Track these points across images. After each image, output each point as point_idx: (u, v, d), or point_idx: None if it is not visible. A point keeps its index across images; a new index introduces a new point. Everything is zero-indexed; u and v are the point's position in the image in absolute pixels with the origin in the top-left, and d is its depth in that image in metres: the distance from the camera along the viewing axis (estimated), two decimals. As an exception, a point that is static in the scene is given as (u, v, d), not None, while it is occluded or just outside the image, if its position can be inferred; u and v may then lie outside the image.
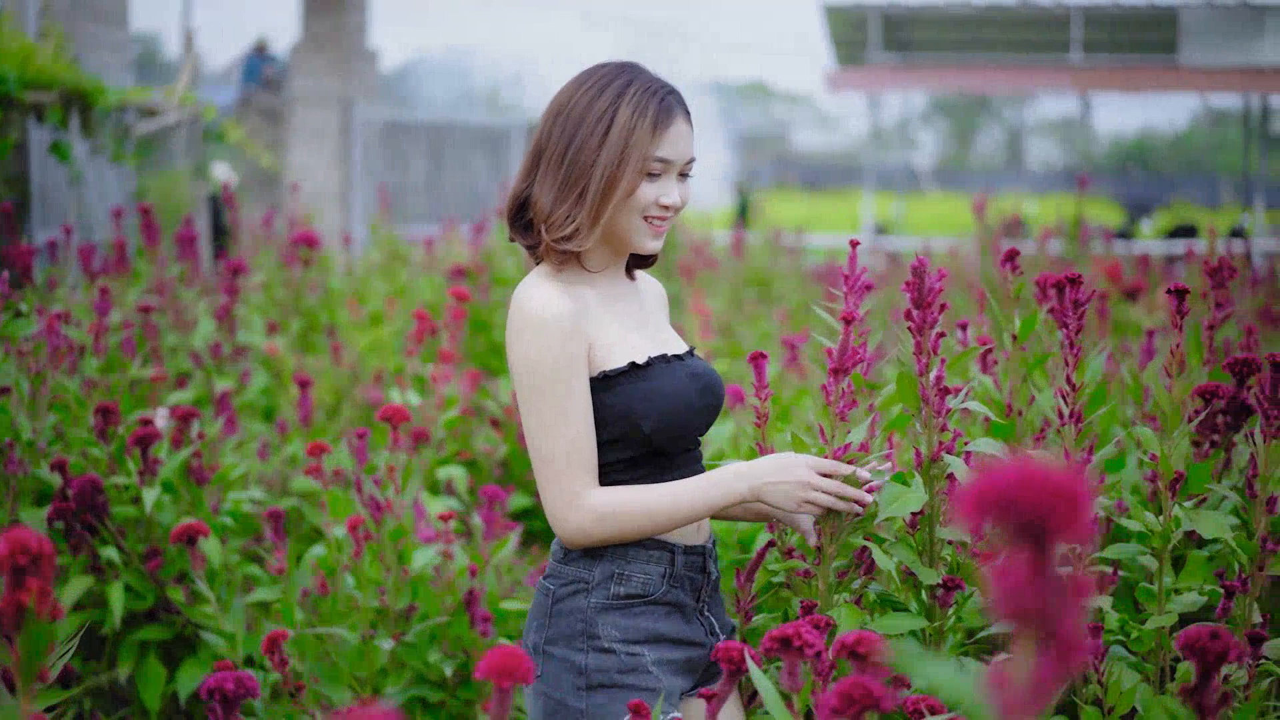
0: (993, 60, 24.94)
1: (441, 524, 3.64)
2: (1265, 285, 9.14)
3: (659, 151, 2.57)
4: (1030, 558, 0.89)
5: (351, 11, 18.81)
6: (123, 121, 11.67)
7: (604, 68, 2.64)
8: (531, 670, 1.86)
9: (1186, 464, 2.84)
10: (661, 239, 2.67)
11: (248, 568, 3.98)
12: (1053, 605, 0.90)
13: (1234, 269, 3.60)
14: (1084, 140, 63.81)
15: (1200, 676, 1.69)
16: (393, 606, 3.50)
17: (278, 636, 3.02)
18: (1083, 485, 0.88)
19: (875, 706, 1.71)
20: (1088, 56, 23.36)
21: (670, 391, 2.57)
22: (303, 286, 6.21)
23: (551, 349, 2.49)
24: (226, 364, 5.36)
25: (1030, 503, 0.87)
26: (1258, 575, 2.69)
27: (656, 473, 2.59)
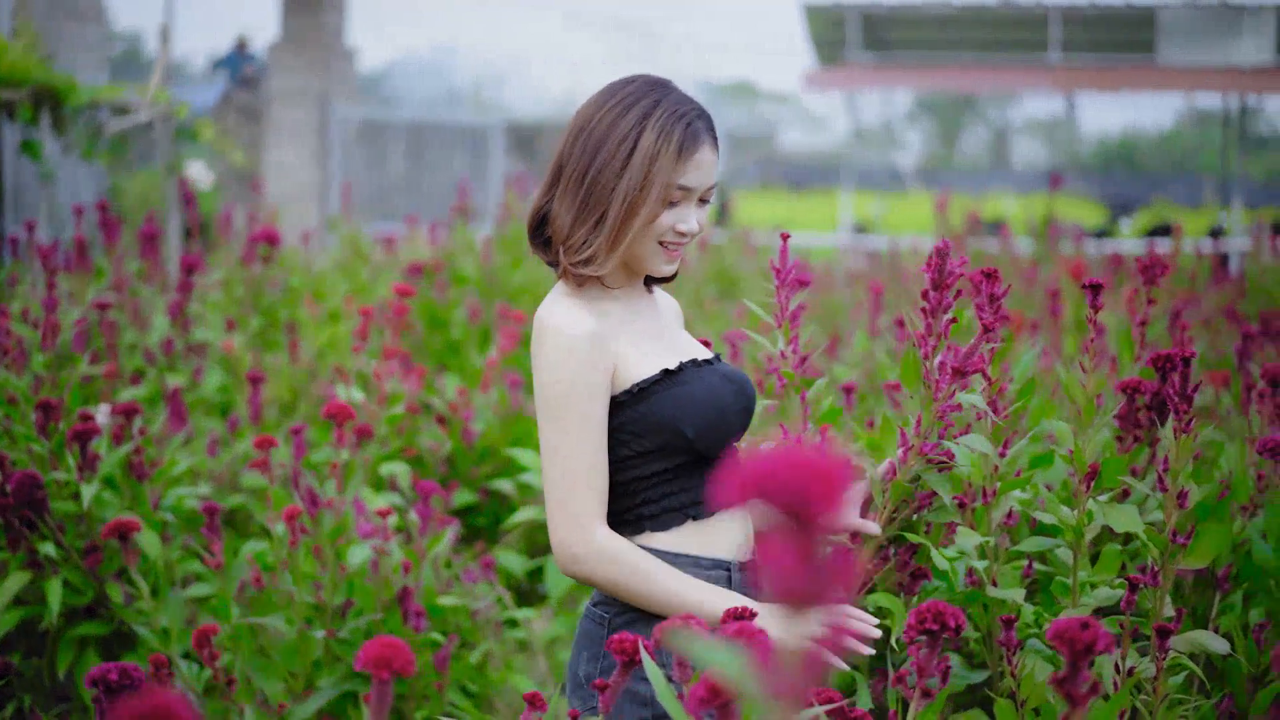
0: (972, 60, 24.97)
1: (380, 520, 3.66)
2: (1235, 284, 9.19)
3: (681, 180, 2.52)
4: (797, 539, 0.90)
5: (330, 10, 18.79)
6: (95, 119, 11.65)
7: (631, 84, 2.59)
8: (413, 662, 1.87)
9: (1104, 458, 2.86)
10: (676, 263, 2.63)
11: (190, 564, 3.98)
12: (820, 585, 0.91)
13: (1165, 266, 3.63)
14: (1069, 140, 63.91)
15: (1070, 666, 1.70)
16: (329, 602, 3.51)
17: (208, 631, 3.03)
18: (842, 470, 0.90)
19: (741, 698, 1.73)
20: (1066, 56, 23.39)
21: (705, 394, 2.55)
22: (262, 284, 6.20)
23: (572, 369, 2.46)
24: (180, 361, 5.37)
25: (792, 486, 0.89)
26: (1168, 568, 2.71)
27: (702, 483, 2.55)
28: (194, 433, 5.01)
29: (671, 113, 2.53)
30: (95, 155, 11.27)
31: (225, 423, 5.23)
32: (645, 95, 2.54)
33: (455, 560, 4.15)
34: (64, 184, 10.99)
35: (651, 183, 2.49)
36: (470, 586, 3.95)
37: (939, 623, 2.03)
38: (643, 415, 2.50)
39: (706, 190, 2.58)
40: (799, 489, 0.89)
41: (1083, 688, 1.72)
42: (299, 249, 6.91)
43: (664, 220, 2.53)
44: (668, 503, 2.53)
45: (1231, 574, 3.27)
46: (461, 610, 3.86)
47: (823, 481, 0.89)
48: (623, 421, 2.52)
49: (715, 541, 2.55)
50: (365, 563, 3.62)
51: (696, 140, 2.53)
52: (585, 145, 2.52)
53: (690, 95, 2.59)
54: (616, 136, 2.50)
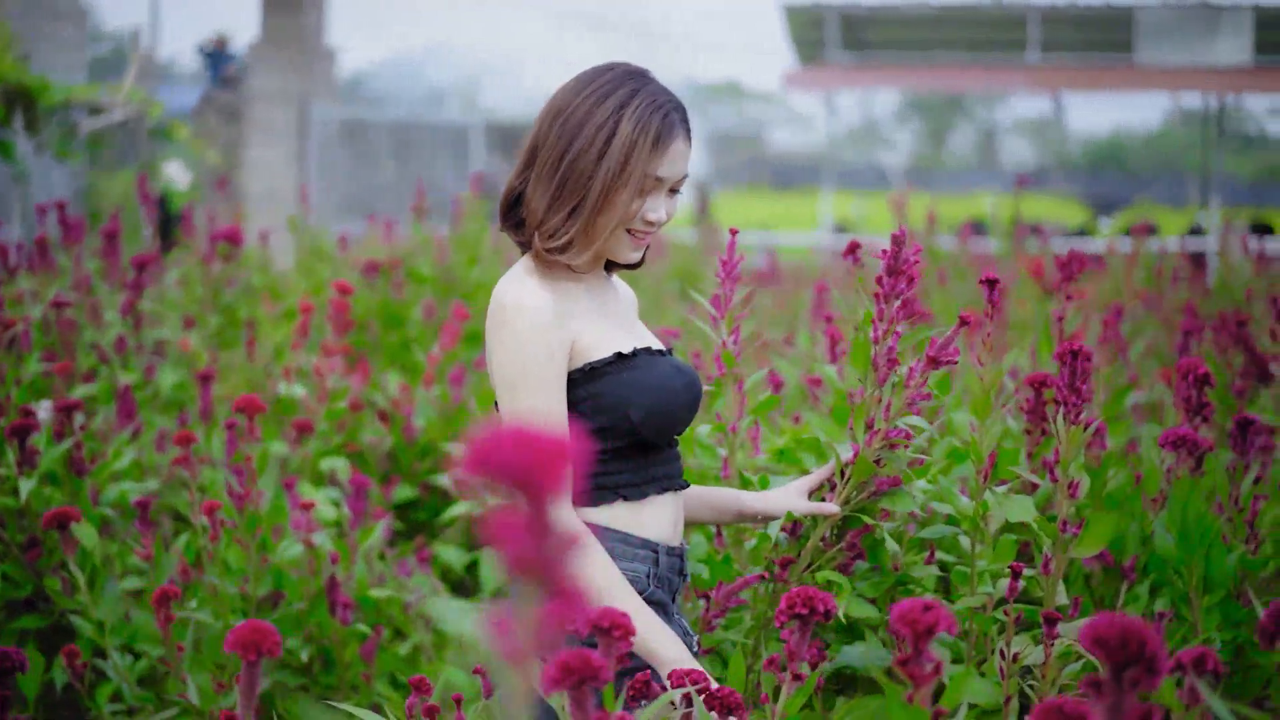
0: (951, 59, 25.06)
1: (318, 513, 3.71)
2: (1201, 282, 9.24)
3: (656, 170, 2.54)
4: (527, 513, 0.96)
5: (310, 10, 18.82)
6: (69, 119, 11.69)
7: (610, 72, 2.60)
8: (279, 644, 1.92)
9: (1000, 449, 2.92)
10: (642, 251, 2.65)
11: (130, 558, 4.02)
12: (549, 557, 0.96)
13: (1083, 262, 3.69)
14: (1057, 140, 64.04)
15: (912, 648, 1.76)
16: (254, 594, 3.56)
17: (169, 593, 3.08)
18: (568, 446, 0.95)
19: (594, 678, 1.78)
20: (1045, 56, 23.47)
21: (656, 382, 2.57)
22: (221, 282, 6.24)
23: (532, 344, 2.47)
24: (132, 358, 5.40)
25: (520, 462, 0.94)
26: (1059, 557, 2.76)
27: (642, 466, 2.58)
28: (143, 429, 5.05)
29: (648, 103, 2.54)
30: (69, 155, 11.31)
31: (174, 419, 5.26)
32: (623, 84, 2.56)
33: (392, 554, 4.20)
34: (38, 183, 11.01)
35: (630, 173, 2.51)
36: (404, 579, 4.00)
37: (808, 607, 2.09)
38: (591, 394, 2.53)
39: (678, 181, 2.60)
40: (524, 466, 0.94)
41: (925, 668, 1.77)
42: (258, 248, 6.94)
43: (635, 209, 2.56)
44: (602, 480, 2.55)
45: (1138, 565, 3.34)
46: (394, 602, 3.90)
47: (546, 458, 0.94)
48: (570, 399, 2.54)
49: (645, 522, 2.58)
50: (294, 555, 3.67)
51: (672, 131, 2.55)
52: (562, 130, 2.54)
53: (666, 86, 2.61)
54: (594, 124, 2.52)
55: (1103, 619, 1.43)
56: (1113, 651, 1.43)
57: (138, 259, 5.48)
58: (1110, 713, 1.43)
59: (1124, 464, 3.66)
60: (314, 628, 3.64)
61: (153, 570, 3.65)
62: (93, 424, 4.44)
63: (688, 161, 2.62)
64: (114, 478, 4.28)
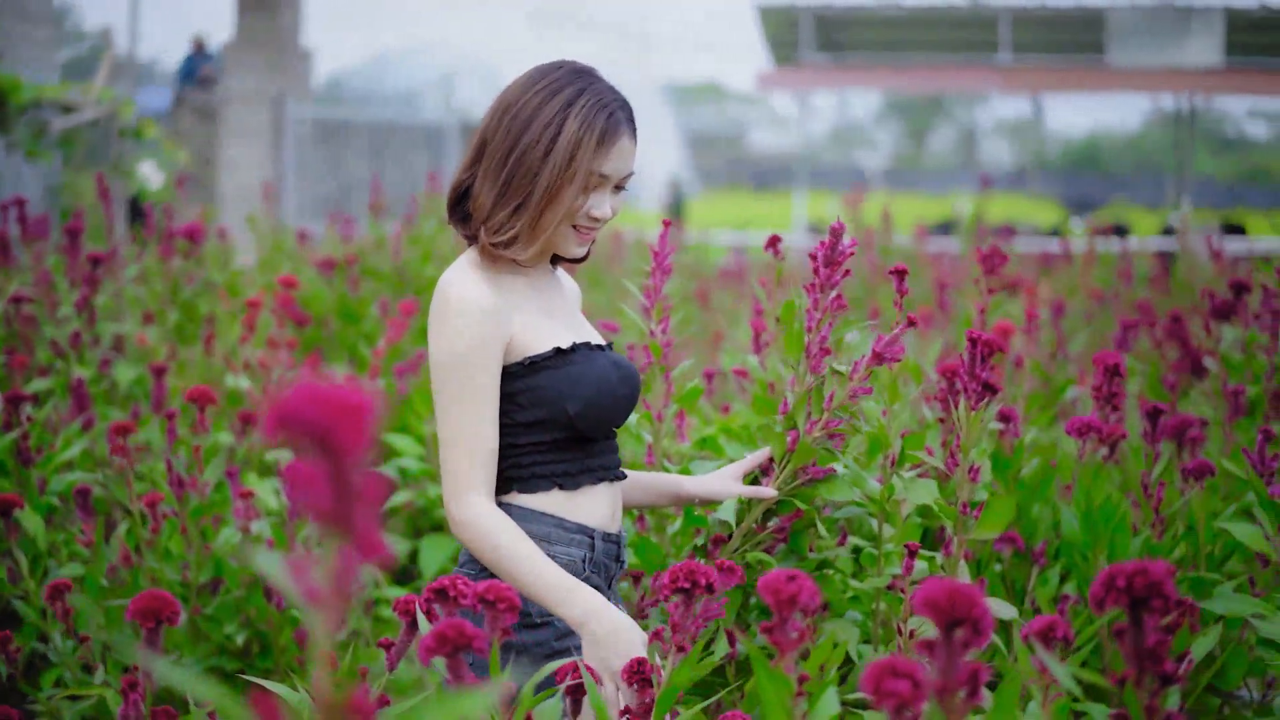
0: (924, 60, 25.17)
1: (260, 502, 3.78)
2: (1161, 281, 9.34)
3: (601, 168, 2.59)
4: (326, 467, 1.04)
5: (285, 10, 18.87)
6: (40, 118, 11.71)
7: (558, 70, 2.65)
8: (178, 613, 2.00)
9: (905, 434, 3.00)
10: (587, 246, 2.71)
11: (75, 546, 4.09)
12: (348, 508, 1.05)
13: (1003, 258, 3.78)
14: (1036, 141, 64.19)
15: (777, 617, 1.84)
16: (194, 580, 3.64)
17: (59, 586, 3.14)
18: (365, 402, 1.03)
19: (468, 647, 1.87)
20: (1018, 57, 23.60)
21: (594, 377, 2.62)
22: (180, 278, 6.30)
23: (469, 337, 2.53)
24: (88, 353, 5.47)
25: (318, 418, 1.02)
26: (960, 539, 2.85)
27: (578, 458, 2.64)
28: (96, 421, 5.11)
29: (595, 102, 2.59)
30: (40, 154, 11.34)
31: (128, 412, 5.32)
32: (571, 82, 2.61)
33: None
34: (9, 182, 11.06)
35: (575, 171, 2.56)
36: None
37: (691, 581, 2.17)
38: (530, 388, 2.58)
39: (623, 178, 2.66)
40: (324, 421, 1.02)
41: (790, 635, 1.86)
42: (218, 244, 7.00)
43: (581, 206, 2.61)
44: (538, 469, 2.61)
45: (1049, 550, 3.43)
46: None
47: (346, 414, 1.02)
48: (509, 391, 2.59)
49: (581, 509, 2.64)
50: (234, 543, 3.74)
51: (617, 130, 2.60)
52: (510, 126, 2.59)
53: (613, 85, 2.67)
54: (541, 122, 2.57)
55: (933, 584, 1.52)
56: (942, 613, 1.51)
57: (93, 255, 5.55)
58: (942, 670, 1.52)
59: (1041, 452, 3.75)
60: (252, 613, 3.72)
61: (94, 557, 3.71)
62: (44, 416, 4.50)
63: (633, 159, 2.67)
64: (64, 468, 4.34)
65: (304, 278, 6.68)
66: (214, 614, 3.67)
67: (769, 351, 3.51)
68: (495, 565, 2.50)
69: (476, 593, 2.04)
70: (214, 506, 3.79)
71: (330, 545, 1.05)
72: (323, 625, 1.05)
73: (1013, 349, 4.73)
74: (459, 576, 2.10)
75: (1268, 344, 4.60)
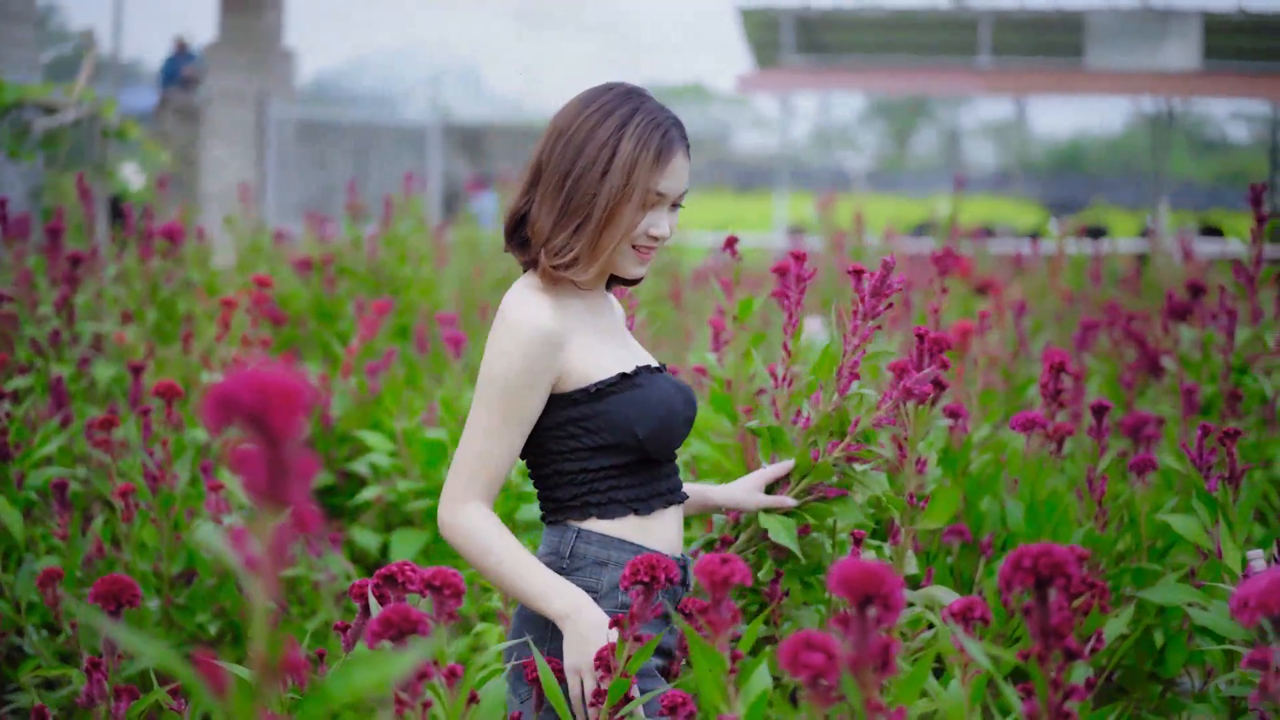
0: (904, 62, 25.31)
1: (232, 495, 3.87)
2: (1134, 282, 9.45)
3: (658, 186, 2.61)
4: (262, 447, 1.14)
5: (269, 11, 18.93)
6: (22, 119, 11.77)
7: (609, 92, 2.66)
8: (139, 597, 2.10)
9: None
10: (646, 266, 2.71)
11: (53, 540, 4.18)
12: (283, 484, 1.15)
13: (956, 260, 3.89)
14: (1019, 143, 64.37)
15: (713, 598, 1.94)
16: (167, 571, 3.73)
17: (52, 574, 3.23)
18: (300, 389, 1.13)
19: (414, 631, 1.97)
20: (997, 60, 23.73)
21: (659, 400, 2.64)
22: (159, 278, 6.39)
23: (517, 363, 2.55)
24: (66, 351, 5.55)
25: (254, 403, 1.12)
26: (908, 528, 2.95)
27: (648, 481, 2.66)
28: (74, 418, 5.19)
29: (648, 121, 2.61)
30: (22, 154, 11.39)
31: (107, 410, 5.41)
32: (623, 103, 2.62)
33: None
34: (-8, 182, 11.11)
35: (633, 189, 2.58)
36: (315, 559, 4.18)
37: (650, 574, 2.28)
38: (598, 413, 2.60)
39: (679, 195, 2.67)
40: (258, 405, 1.12)
41: (724, 615, 1.96)
42: (197, 244, 7.10)
43: (639, 224, 2.62)
44: (613, 495, 2.63)
45: (996, 542, 3.53)
46: (304, 580, 4.08)
47: (279, 398, 1.13)
48: (576, 416, 2.61)
49: (652, 534, 2.66)
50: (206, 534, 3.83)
51: (672, 148, 2.62)
52: (565, 150, 2.60)
53: (663, 104, 2.68)
54: (596, 142, 2.58)
55: (847, 564, 1.62)
56: (854, 590, 1.61)
57: (73, 255, 5.63)
58: (856, 644, 1.62)
59: (993, 449, 3.85)
60: (225, 603, 3.81)
61: (69, 550, 3.80)
62: (23, 413, 4.58)
63: (686, 177, 2.68)
64: (43, 463, 4.42)
65: (281, 277, 6.76)
66: (187, 603, 3.76)
67: (727, 350, 3.61)
68: (485, 568, 2.55)
69: (423, 578, 2.14)
70: (187, 499, 3.88)
71: (266, 518, 1.15)
72: (260, 591, 1.15)
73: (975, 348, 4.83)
74: (407, 563, 2.21)
75: (1224, 344, 4.71)
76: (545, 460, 2.66)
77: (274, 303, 6.26)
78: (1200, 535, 3.16)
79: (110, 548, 3.82)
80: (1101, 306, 7.84)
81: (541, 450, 2.65)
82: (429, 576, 2.12)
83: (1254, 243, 4.78)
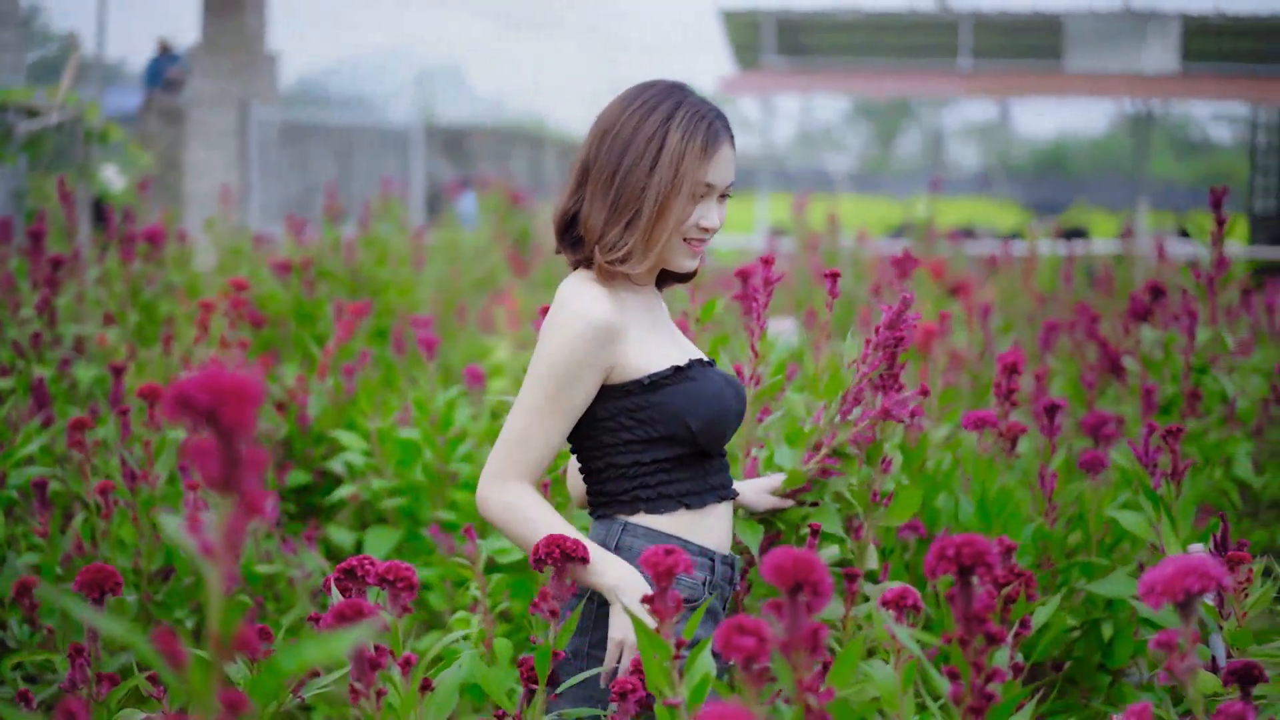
0: (885, 65, 25.44)
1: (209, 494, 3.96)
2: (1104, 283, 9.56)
3: (705, 177, 2.64)
4: (217, 441, 1.24)
5: (251, 13, 18.98)
6: (5, 121, 11.83)
7: (652, 88, 2.69)
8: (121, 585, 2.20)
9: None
10: (698, 258, 2.76)
11: (33, 538, 4.26)
12: (236, 475, 1.25)
13: (916, 262, 3.99)
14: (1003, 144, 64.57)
15: (657, 587, 2.04)
16: (146, 568, 3.82)
17: (27, 583, 3.32)
18: (250, 388, 1.23)
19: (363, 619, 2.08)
20: (977, 62, 23.87)
21: (712, 393, 2.67)
22: (140, 280, 6.47)
23: (572, 352, 2.58)
24: (48, 353, 5.63)
25: (208, 401, 1.22)
26: (870, 524, 3.06)
27: (700, 475, 2.69)
28: (56, 419, 5.27)
29: (693, 113, 2.65)
30: (6, 157, 11.46)
31: (87, 409, 5.49)
32: (666, 98, 2.66)
33: (279, 533, 4.46)
34: (-29, 185, 11.18)
35: (681, 181, 2.62)
36: (291, 556, 4.27)
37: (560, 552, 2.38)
38: (652, 404, 2.63)
39: (727, 186, 2.72)
40: (213, 402, 1.22)
41: (668, 604, 2.06)
42: (178, 247, 7.18)
43: (689, 216, 2.67)
44: (664, 489, 2.66)
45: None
46: (280, 577, 4.18)
47: (233, 396, 1.22)
48: (629, 407, 2.65)
49: (705, 531, 2.69)
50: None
51: (718, 139, 2.67)
52: (612, 147, 2.64)
53: (704, 97, 2.73)
54: (643, 137, 2.62)
55: (779, 553, 1.72)
56: (786, 578, 1.71)
57: (55, 258, 5.71)
58: (788, 628, 1.72)
59: (951, 447, 3.96)
60: (202, 599, 3.90)
61: (49, 547, 3.89)
62: (4, 414, 4.67)
63: (733, 167, 2.73)
64: (24, 463, 4.50)
65: (261, 280, 6.85)
66: (165, 600, 3.85)
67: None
68: (526, 543, 2.56)
69: (378, 572, 2.25)
70: (165, 498, 3.97)
71: (221, 507, 1.25)
72: (216, 574, 1.25)
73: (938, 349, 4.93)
74: (367, 557, 2.31)
75: (1185, 344, 4.82)
76: (598, 453, 2.69)
77: (253, 305, 6.35)
78: (1146, 530, 3.25)
79: (90, 545, 3.90)
80: (1072, 307, 7.96)
81: (595, 443, 2.68)
82: (383, 570, 2.22)
83: (1215, 245, 4.89)
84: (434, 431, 4.25)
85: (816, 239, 9.35)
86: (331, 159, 20.52)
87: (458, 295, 8.08)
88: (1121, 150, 56.72)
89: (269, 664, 1.29)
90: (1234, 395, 4.91)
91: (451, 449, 4.25)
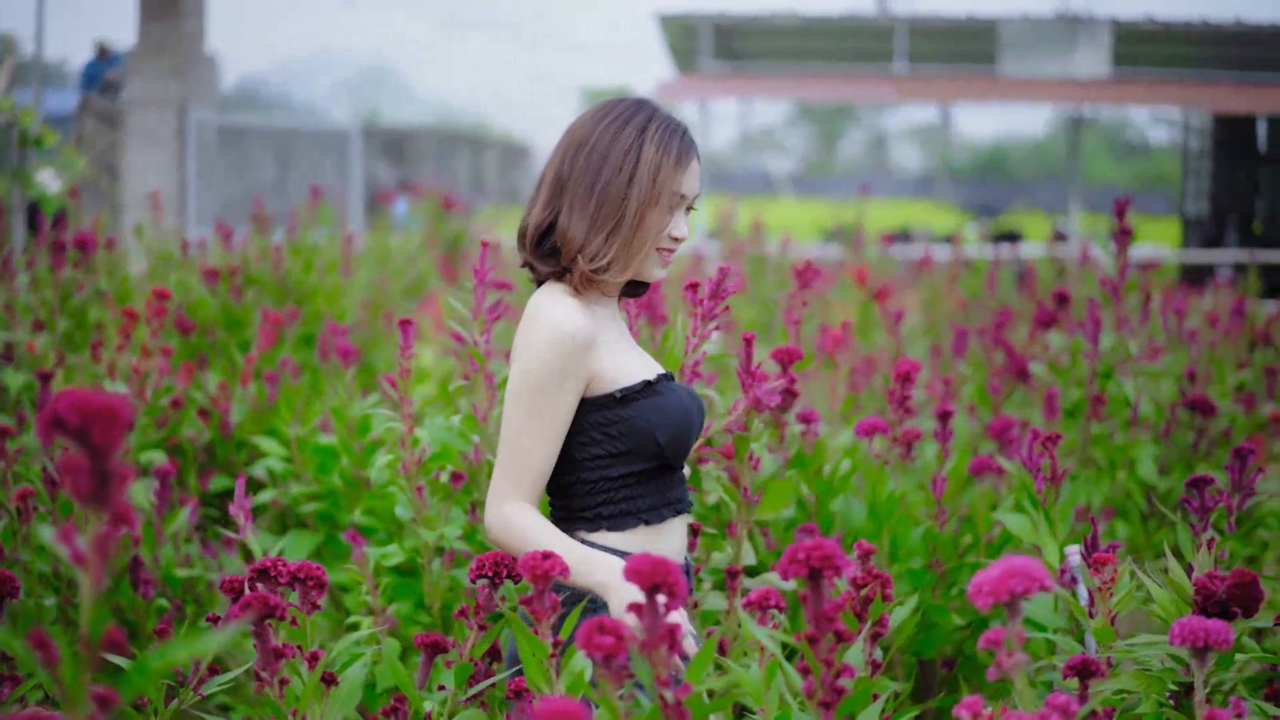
0: (820, 69, 25.64)
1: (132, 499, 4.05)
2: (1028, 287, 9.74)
3: (679, 188, 2.71)
4: (87, 457, 1.35)
5: (189, 17, 18.96)
6: (-60, 126, 11.82)
7: (621, 102, 2.77)
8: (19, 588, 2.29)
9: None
10: (667, 268, 2.81)
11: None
12: (106, 489, 1.36)
13: (816, 272, 4.12)
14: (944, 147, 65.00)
15: (535, 590, 2.16)
16: (66, 572, 3.91)
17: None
18: (118, 408, 1.34)
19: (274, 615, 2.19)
20: (913, 67, 24.11)
21: (677, 407, 2.73)
22: (69, 286, 6.52)
23: (551, 363, 2.63)
24: (-26, 359, 5.69)
25: (78, 422, 1.33)
26: (744, 520, 3.18)
27: (661, 489, 2.74)
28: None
29: (665, 126, 2.73)
30: (-62, 161, 11.46)
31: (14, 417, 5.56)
32: (638, 111, 2.74)
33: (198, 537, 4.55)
34: (-90, 191, 11.17)
35: (659, 192, 2.68)
36: (211, 560, 4.37)
37: (494, 570, 2.50)
38: (621, 419, 2.69)
39: (695, 197, 2.79)
40: (82, 423, 1.33)
41: (545, 606, 2.18)
42: (105, 253, 7.23)
43: (664, 226, 2.74)
44: (625, 505, 2.71)
45: (845, 540, 3.77)
46: (200, 581, 4.28)
47: (101, 415, 1.33)
48: (599, 421, 2.70)
49: (661, 545, 2.74)
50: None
51: (689, 151, 2.76)
52: (589, 159, 2.70)
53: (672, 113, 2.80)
54: (620, 149, 2.69)
55: (639, 558, 1.84)
56: (644, 579, 1.83)
57: (-22, 264, 5.78)
58: (647, 627, 1.84)
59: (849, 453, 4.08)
60: (121, 603, 3.99)
61: (-31, 553, 3.97)
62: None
63: (699, 179, 2.80)
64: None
65: (190, 287, 6.92)
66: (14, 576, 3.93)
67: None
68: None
69: (290, 571, 2.36)
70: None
71: (91, 519, 1.36)
72: (89, 580, 1.36)
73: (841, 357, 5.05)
74: (279, 558, 2.41)
75: (1090, 350, 4.98)
76: (565, 468, 2.73)
77: (181, 312, 6.41)
78: (1030, 532, 3.38)
79: (10, 550, 3.98)
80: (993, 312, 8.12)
81: (564, 457, 2.73)
82: (295, 570, 2.33)
83: (1119, 252, 5.05)
84: (351, 438, 4.34)
85: (742, 244, 9.48)
86: (271, 162, 20.52)
87: (387, 301, 8.16)
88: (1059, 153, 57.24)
89: (138, 663, 1.40)
90: (1136, 399, 5.07)
91: (368, 455, 4.34)
